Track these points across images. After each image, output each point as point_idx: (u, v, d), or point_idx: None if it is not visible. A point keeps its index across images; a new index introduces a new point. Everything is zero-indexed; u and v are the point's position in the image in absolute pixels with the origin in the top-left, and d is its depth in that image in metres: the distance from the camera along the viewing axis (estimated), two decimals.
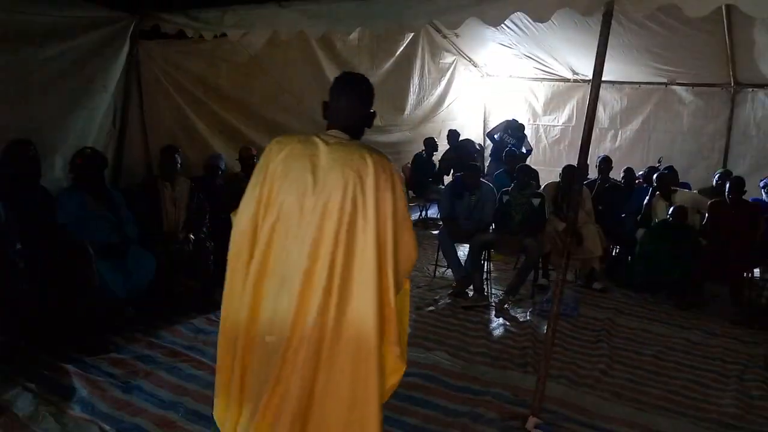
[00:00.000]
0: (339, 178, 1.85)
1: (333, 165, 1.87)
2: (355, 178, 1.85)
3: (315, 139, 1.93)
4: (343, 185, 1.84)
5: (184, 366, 3.40)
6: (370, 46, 7.09)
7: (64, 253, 3.49)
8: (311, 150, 1.90)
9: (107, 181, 4.38)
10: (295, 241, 1.86)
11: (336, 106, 1.99)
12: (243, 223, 1.94)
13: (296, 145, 1.92)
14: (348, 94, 2.00)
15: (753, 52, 6.56)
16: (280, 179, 1.88)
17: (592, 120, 2.82)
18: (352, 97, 2.00)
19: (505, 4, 3.13)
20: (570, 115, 9.05)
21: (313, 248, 1.84)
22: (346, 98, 1.99)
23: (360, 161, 1.87)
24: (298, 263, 1.84)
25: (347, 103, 1.99)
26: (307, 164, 1.87)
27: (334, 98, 2.00)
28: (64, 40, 4.22)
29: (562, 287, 2.90)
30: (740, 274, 4.91)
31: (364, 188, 1.85)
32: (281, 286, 1.87)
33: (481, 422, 2.92)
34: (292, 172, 1.88)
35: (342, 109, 1.98)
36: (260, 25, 4.11)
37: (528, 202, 5.22)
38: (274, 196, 1.89)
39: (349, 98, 1.99)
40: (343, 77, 2.06)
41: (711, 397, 3.41)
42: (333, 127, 1.99)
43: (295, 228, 1.86)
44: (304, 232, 1.85)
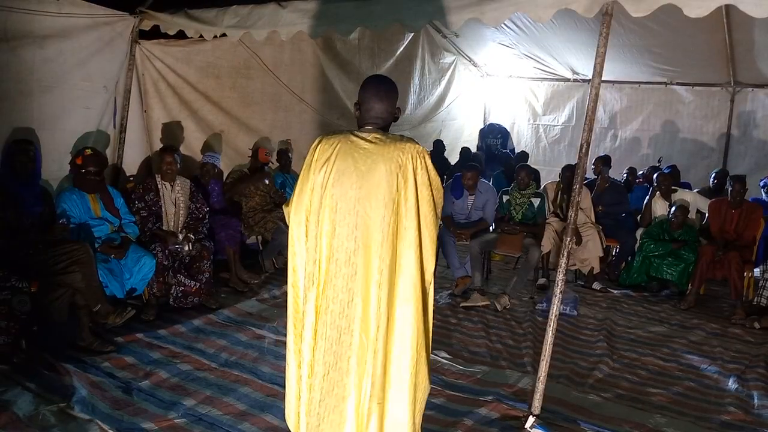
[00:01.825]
0: (381, 169, 2.10)
1: (376, 159, 2.11)
2: (396, 168, 2.11)
3: (353, 137, 2.18)
4: (386, 175, 2.10)
5: (184, 366, 3.40)
6: (370, 46, 7.09)
7: (65, 252, 3.48)
8: (354, 147, 2.15)
9: (107, 181, 4.38)
10: (347, 229, 2.12)
11: (368, 107, 2.21)
12: (299, 213, 2.21)
13: (341, 143, 2.16)
14: (378, 95, 2.22)
15: (753, 52, 6.56)
16: (331, 174, 2.13)
17: (592, 120, 2.82)
18: (381, 98, 2.22)
19: (505, 4, 3.13)
20: (570, 115, 9.04)
21: (365, 234, 2.11)
22: (377, 99, 2.21)
23: (398, 153, 2.12)
24: (352, 248, 2.11)
25: (378, 103, 2.21)
26: (352, 160, 2.13)
27: (365, 99, 2.22)
28: (64, 40, 4.23)
29: (562, 287, 2.90)
30: (740, 274, 4.91)
31: (405, 175, 2.12)
32: (338, 270, 2.13)
33: (481, 422, 2.92)
34: (340, 167, 2.13)
35: (373, 109, 2.21)
36: (260, 25, 4.10)
37: (528, 202, 5.22)
38: (327, 190, 2.14)
39: (380, 99, 2.21)
40: (373, 80, 2.33)
41: (711, 398, 3.41)
42: (366, 124, 2.23)
43: (347, 217, 2.12)
44: (355, 220, 2.11)
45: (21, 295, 3.15)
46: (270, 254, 5.38)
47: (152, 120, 5.09)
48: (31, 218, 3.63)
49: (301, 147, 6.51)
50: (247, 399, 3.05)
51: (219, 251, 4.80)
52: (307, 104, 6.48)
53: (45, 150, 4.12)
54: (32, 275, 3.31)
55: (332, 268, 2.14)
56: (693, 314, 4.94)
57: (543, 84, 9.17)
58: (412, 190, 2.13)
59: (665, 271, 5.35)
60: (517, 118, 9.16)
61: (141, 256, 4.00)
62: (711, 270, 5.05)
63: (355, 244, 2.12)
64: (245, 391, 3.13)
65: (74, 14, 4.25)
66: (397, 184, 2.11)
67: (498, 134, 8.95)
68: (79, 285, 3.46)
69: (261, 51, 5.74)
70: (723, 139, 7.87)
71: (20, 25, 3.95)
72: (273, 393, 3.12)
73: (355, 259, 2.12)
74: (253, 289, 4.87)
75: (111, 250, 3.90)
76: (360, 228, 2.11)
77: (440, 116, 8.83)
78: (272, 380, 3.27)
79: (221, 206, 5.24)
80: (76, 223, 3.85)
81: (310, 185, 2.18)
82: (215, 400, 3.02)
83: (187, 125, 5.35)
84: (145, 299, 4.15)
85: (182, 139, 5.31)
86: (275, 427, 2.81)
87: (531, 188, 5.29)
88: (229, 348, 3.70)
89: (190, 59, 5.22)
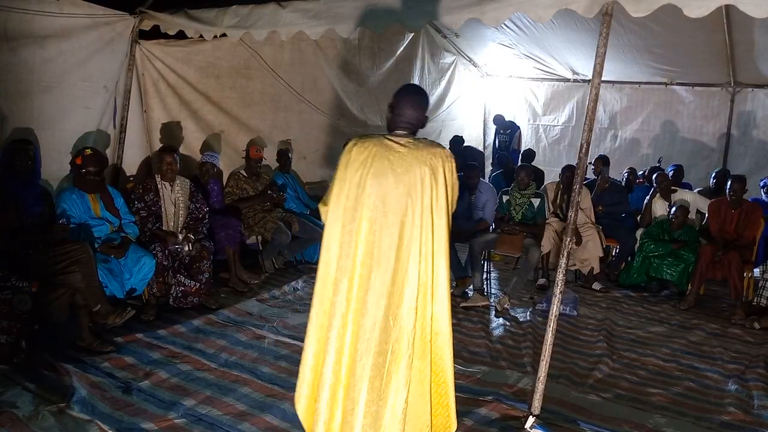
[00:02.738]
0: (416, 172, 2.27)
1: (411, 161, 2.28)
2: (428, 171, 2.27)
3: (387, 141, 2.34)
4: (420, 177, 2.26)
5: (184, 366, 3.40)
6: (370, 46, 7.09)
7: (65, 252, 3.48)
8: (389, 150, 2.31)
9: (107, 181, 4.38)
10: (384, 227, 2.27)
11: (400, 113, 2.39)
12: (336, 211, 2.32)
13: (375, 147, 2.32)
14: (412, 103, 2.40)
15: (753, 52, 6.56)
16: (368, 174, 2.27)
17: (592, 120, 2.82)
18: (415, 106, 2.40)
19: (505, 4, 3.13)
20: (570, 115, 9.04)
21: (400, 232, 2.26)
22: (411, 106, 2.39)
23: (430, 156, 2.30)
24: (387, 244, 2.26)
25: (411, 110, 2.39)
26: (388, 162, 2.28)
27: (400, 105, 2.39)
28: (64, 40, 4.23)
29: (562, 287, 2.90)
30: (740, 275, 4.91)
31: (436, 177, 2.28)
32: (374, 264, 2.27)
33: (481, 422, 2.92)
34: (377, 169, 2.27)
35: (406, 114, 2.38)
36: (260, 25, 4.10)
37: (528, 203, 5.22)
38: (365, 189, 2.27)
39: (413, 107, 2.40)
40: (410, 88, 2.58)
41: (711, 398, 3.41)
42: (398, 128, 2.39)
43: (384, 215, 2.27)
44: (392, 219, 2.27)
45: (21, 294, 3.15)
46: (270, 254, 5.38)
47: (152, 120, 5.09)
48: (31, 218, 3.63)
49: (301, 147, 6.52)
50: (247, 399, 3.05)
51: (219, 251, 4.80)
52: (308, 103, 6.47)
53: (45, 150, 4.12)
54: (32, 275, 3.31)
55: (368, 261, 2.27)
56: (693, 314, 4.94)
57: (543, 84, 9.16)
58: (442, 190, 2.30)
59: (665, 271, 5.35)
60: (517, 119, 9.14)
61: (141, 256, 4.00)
62: (711, 270, 5.05)
63: (390, 240, 2.26)
64: (245, 391, 3.13)
65: (74, 14, 4.25)
66: (430, 184, 2.27)
67: (507, 130, 8.72)
68: (79, 285, 3.46)
69: (261, 51, 5.74)
70: (723, 139, 7.87)
71: (20, 25, 3.95)
72: (273, 393, 3.12)
73: (390, 254, 2.26)
74: (253, 289, 4.87)
75: (111, 250, 3.90)
76: (396, 225, 2.26)
77: (440, 116, 8.82)
78: (272, 380, 3.27)
79: (221, 206, 5.24)
80: (76, 223, 3.85)
81: (348, 184, 2.30)
82: (215, 400, 3.02)
83: (187, 125, 5.35)
84: (145, 299, 4.15)
85: (182, 139, 5.31)
86: (275, 427, 2.81)
87: (531, 188, 5.29)
88: (229, 348, 3.70)
89: (190, 59, 5.22)
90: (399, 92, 2.45)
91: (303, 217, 5.64)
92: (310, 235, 5.55)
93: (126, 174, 4.93)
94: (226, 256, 4.93)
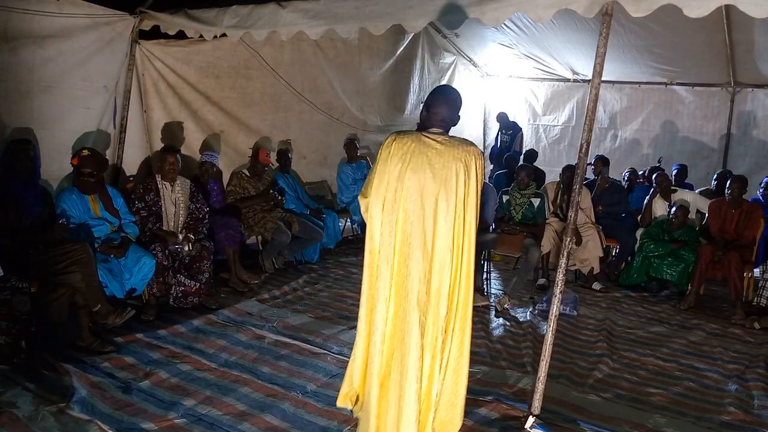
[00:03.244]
0: (452, 168, 2.46)
1: (448, 158, 2.46)
2: (463, 167, 2.47)
3: (424, 138, 2.50)
4: (455, 172, 2.46)
5: (184, 366, 3.40)
6: (370, 46, 7.09)
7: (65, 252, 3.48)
8: (427, 146, 2.48)
9: (107, 181, 4.38)
10: (421, 218, 2.46)
11: (436, 111, 2.55)
12: (377, 203, 2.53)
13: (414, 143, 2.49)
14: (447, 103, 2.56)
15: (753, 52, 6.56)
16: (407, 168, 2.46)
17: (592, 120, 2.82)
18: (450, 105, 2.56)
19: (505, 4, 3.13)
20: (570, 115, 9.04)
21: (436, 221, 2.46)
22: (447, 107, 2.56)
23: (465, 154, 2.49)
24: (423, 233, 2.46)
25: (446, 111, 2.55)
26: (426, 158, 2.46)
27: (435, 104, 2.56)
28: (64, 40, 4.23)
29: (562, 287, 2.90)
30: (740, 275, 4.91)
31: (469, 173, 2.48)
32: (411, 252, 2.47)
33: (481, 422, 2.92)
34: (415, 164, 2.46)
35: (441, 114, 2.55)
36: (260, 25, 4.10)
37: (528, 203, 5.22)
38: (404, 182, 2.46)
39: (448, 107, 2.56)
40: (444, 88, 2.72)
41: (711, 398, 3.41)
42: (432, 126, 2.56)
43: (421, 207, 2.46)
44: (429, 211, 2.46)
45: (21, 295, 3.14)
46: (270, 254, 5.38)
47: (152, 120, 5.09)
48: (31, 218, 3.64)
49: (300, 147, 6.52)
50: (247, 399, 3.05)
51: (219, 251, 4.80)
52: (309, 103, 6.48)
53: (45, 150, 4.13)
54: (32, 275, 3.31)
55: (406, 250, 2.47)
56: (693, 314, 4.94)
57: (543, 84, 9.16)
58: (473, 186, 2.50)
59: (665, 271, 5.35)
60: (517, 119, 9.14)
61: (141, 256, 4.00)
62: (711, 270, 5.05)
63: (425, 229, 2.46)
64: (245, 391, 3.13)
65: (74, 14, 4.26)
66: (464, 180, 2.47)
67: (509, 130, 8.65)
68: (79, 285, 3.46)
69: (261, 51, 5.75)
70: (723, 139, 7.87)
71: (20, 25, 3.95)
72: (273, 393, 3.12)
73: (427, 243, 2.46)
74: (253, 289, 4.87)
75: (111, 250, 3.89)
76: (432, 217, 2.46)
77: None
78: (272, 380, 3.27)
79: (221, 206, 5.24)
80: (76, 223, 3.85)
81: (387, 177, 2.49)
82: (215, 400, 3.02)
83: (187, 125, 5.35)
84: (145, 299, 4.15)
85: (182, 139, 5.31)
86: (275, 427, 2.81)
87: (531, 188, 5.29)
88: (229, 348, 3.70)
89: (190, 59, 5.22)
90: (434, 92, 2.62)
91: (303, 217, 5.64)
92: (310, 235, 5.56)
93: (126, 174, 4.93)
94: (226, 256, 4.93)
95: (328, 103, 6.77)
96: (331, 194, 7.08)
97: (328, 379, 3.33)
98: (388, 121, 7.57)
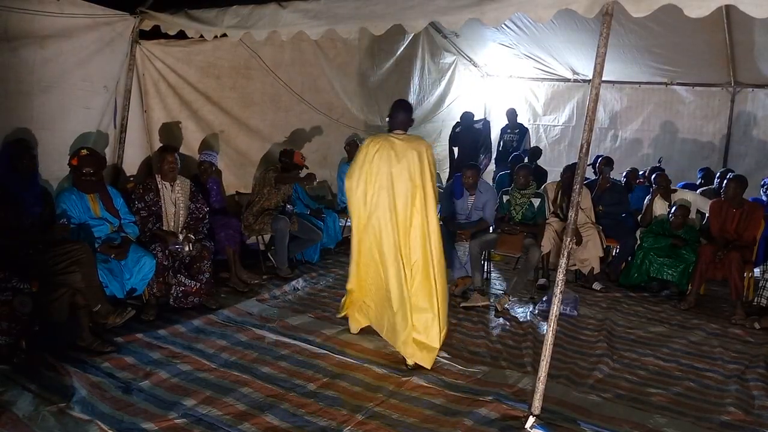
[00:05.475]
0: (411, 156, 3.54)
1: (406, 148, 3.56)
2: (419, 155, 3.56)
3: (390, 137, 3.63)
4: (413, 159, 3.53)
5: (184, 366, 3.40)
6: (370, 46, 7.09)
7: (65, 252, 3.48)
8: (391, 143, 3.58)
9: (107, 181, 4.38)
10: (389, 195, 3.53)
11: (396, 116, 3.70)
12: (360, 188, 3.61)
13: (383, 142, 3.60)
14: (403, 111, 3.73)
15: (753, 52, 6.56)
16: (378, 161, 3.55)
17: (592, 120, 2.82)
18: (405, 113, 3.73)
19: (505, 4, 3.12)
20: (570, 115, 9.05)
21: (402, 197, 3.52)
22: (403, 113, 3.72)
23: (417, 145, 3.60)
24: (393, 206, 3.53)
25: (403, 116, 3.71)
26: (391, 151, 3.55)
27: (394, 114, 3.70)
28: (64, 40, 4.23)
29: (562, 287, 2.90)
30: (740, 275, 4.91)
31: (422, 157, 3.56)
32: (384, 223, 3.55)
33: (481, 422, 2.92)
34: (383, 155, 3.55)
35: (400, 119, 3.70)
36: (260, 25, 4.10)
37: (528, 203, 5.22)
38: (375, 171, 3.55)
39: (404, 113, 3.73)
40: (399, 102, 3.81)
41: (711, 398, 3.41)
42: (396, 128, 3.69)
43: (390, 187, 3.52)
44: (396, 189, 3.53)
45: (22, 296, 3.14)
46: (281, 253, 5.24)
47: (152, 120, 5.08)
48: (31, 218, 3.64)
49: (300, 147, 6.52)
50: (247, 399, 3.05)
51: (219, 251, 4.80)
52: (308, 103, 6.48)
53: (45, 150, 4.13)
54: (32, 275, 3.30)
55: (386, 215, 3.54)
56: (693, 314, 4.94)
57: (543, 84, 9.17)
58: (426, 165, 3.56)
59: (666, 272, 5.35)
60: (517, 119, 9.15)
61: (141, 256, 4.00)
62: (711, 270, 5.04)
63: (397, 200, 3.52)
64: (245, 391, 3.13)
65: (74, 14, 4.26)
66: (418, 161, 3.53)
67: (516, 129, 8.56)
68: (79, 285, 3.46)
69: (261, 51, 5.74)
70: (723, 139, 7.87)
71: (20, 25, 3.95)
72: (273, 393, 3.12)
73: (399, 209, 3.52)
74: (253, 289, 4.87)
75: (111, 250, 3.89)
76: (401, 190, 3.52)
77: (440, 116, 8.83)
78: (272, 380, 3.27)
79: (221, 206, 5.24)
80: (76, 223, 3.85)
81: (367, 166, 3.56)
82: (215, 400, 3.02)
83: (188, 125, 5.35)
84: (145, 299, 4.15)
85: (182, 139, 5.31)
86: (275, 427, 2.81)
87: (531, 188, 5.28)
88: (229, 348, 3.70)
89: (191, 59, 5.22)
90: (394, 105, 3.74)
91: (303, 218, 5.64)
92: (309, 236, 5.55)
93: (126, 174, 4.93)
94: (226, 256, 4.93)
95: (328, 103, 6.77)
96: (331, 194, 7.08)
97: (328, 379, 3.34)
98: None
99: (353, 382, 3.32)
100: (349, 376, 3.39)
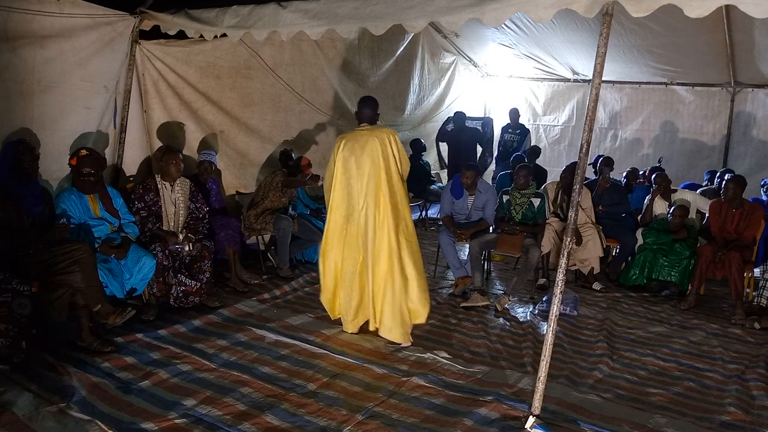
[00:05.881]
0: (374, 143, 3.82)
1: (369, 137, 3.85)
2: (382, 142, 3.84)
3: (357, 129, 3.97)
4: (377, 146, 3.82)
5: (184, 366, 3.39)
6: (370, 46, 7.10)
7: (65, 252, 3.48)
8: (357, 135, 3.91)
9: (107, 181, 4.37)
10: (357, 179, 3.84)
11: (362, 112, 4.00)
12: (330, 175, 3.96)
13: (351, 134, 3.97)
14: (369, 106, 4.01)
15: (753, 53, 6.57)
16: (347, 152, 3.86)
17: (592, 120, 2.82)
18: (370, 108, 4.01)
19: (506, 4, 3.12)
20: (570, 115, 9.06)
21: (368, 180, 3.81)
22: (368, 109, 4.00)
23: (379, 133, 3.88)
24: (361, 188, 3.84)
25: (369, 110, 4.00)
26: (357, 142, 3.86)
27: (361, 109, 4.01)
28: (64, 40, 4.23)
29: (562, 287, 2.90)
30: (740, 275, 4.91)
31: (384, 143, 3.84)
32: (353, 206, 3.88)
33: (481, 422, 2.92)
34: (351, 147, 3.86)
35: (366, 113, 4.00)
36: (260, 25, 4.10)
37: (528, 203, 5.22)
38: (347, 159, 3.85)
39: (370, 108, 4.01)
40: (365, 98, 4.08)
41: (711, 398, 3.41)
42: (362, 122, 3.99)
43: (356, 174, 3.84)
44: (361, 172, 3.82)
45: (22, 298, 3.14)
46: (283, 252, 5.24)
47: (152, 120, 5.09)
48: (31, 218, 3.63)
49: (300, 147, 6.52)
50: (247, 399, 3.05)
51: (219, 251, 4.80)
52: (308, 103, 6.48)
53: (45, 150, 4.13)
54: (32, 275, 3.30)
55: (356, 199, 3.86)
56: (693, 314, 4.94)
57: (543, 84, 9.18)
58: (388, 149, 3.85)
59: (666, 272, 5.34)
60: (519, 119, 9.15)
61: (141, 256, 4.00)
62: (711, 270, 5.04)
63: (364, 182, 3.82)
64: (245, 391, 3.13)
65: (74, 14, 4.26)
66: (381, 148, 3.82)
67: (517, 129, 8.52)
68: (79, 285, 3.46)
69: (261, 51, 5.75)
70: (723, 139, 7.88)
71: (21, 25, 3.96)
72: (273, 393, 3.12)
73: (365, 191, 3.82)
74: (253, 289, 4.87)
75: (111, 250, 3.89)
76: (365, 174, 3.81)
77: (440, 116, 8.83)
78: (272, 380, 3.27)
79: (220, 205, 5.24)
80: (75, 223, 3.84)
81: (339, 156, 3.89)
82: (215, 400, 3.02)
83: (188, 125, 5.35)
84: (145, 299, 4.15)
85: (182, 139, 5.31)
86: (275, 427, 2.81)
87: (531, 188, 5.28)
88: (229, 348, 3.70)
89: (191, 59, 5.22)
90: (360, 102, 4.05)
91: (303, 218, 5.63)
92: (309, 236, 5.55)
93: (126, 174, 4.93)
94: (226, 256, 4.93)
95: (328, 103, 6.77)
96: None
97: (327, 379, 3.34)
98: (388, 121, 7.57)
99: (353, 382, 3.32)
100: (349, 376, 3.39)
